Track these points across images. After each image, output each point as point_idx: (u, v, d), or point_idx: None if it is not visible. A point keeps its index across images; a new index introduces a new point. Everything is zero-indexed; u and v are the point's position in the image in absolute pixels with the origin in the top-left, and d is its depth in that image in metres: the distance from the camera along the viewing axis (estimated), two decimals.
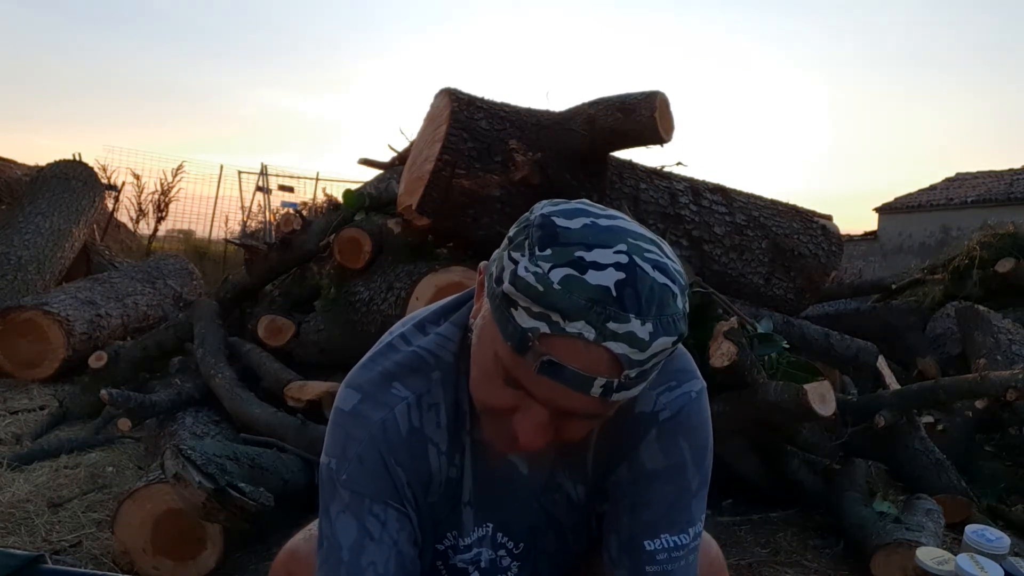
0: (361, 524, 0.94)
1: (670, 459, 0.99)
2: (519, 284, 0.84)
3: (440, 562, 1.08)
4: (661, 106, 3.19)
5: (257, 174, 13.07)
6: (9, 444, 3.27)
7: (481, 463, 1.01)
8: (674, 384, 1.00)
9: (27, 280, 5.09)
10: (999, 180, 17.52)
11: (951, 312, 5.08)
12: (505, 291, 0.86)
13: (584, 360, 0.81)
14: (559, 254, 0.80)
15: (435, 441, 0.98)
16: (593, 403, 0.85)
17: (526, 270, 0.83)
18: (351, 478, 0.95)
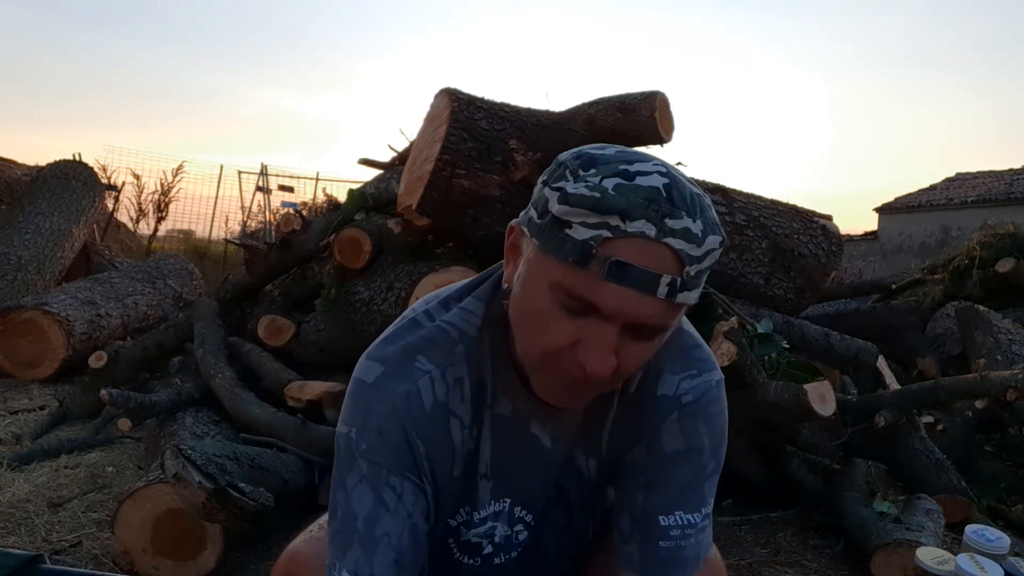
0: (378, 495, 0.94)
1: (689, 442, 1.02)
2: (572, 200, 0.86)
3: (452, 539, 1.08)
4: (661, 106, 3.19)
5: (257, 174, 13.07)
6: (9, 444, 3.27)
7: (501, 437, 1.03)
8: (695, 372, 1.03)
9: (27, 280, 5.09)
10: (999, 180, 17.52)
11: (951, 312, 5.09)
12: (556, 214, 0.88)
13: (648, 257, 0.85)
14: (604, 169, 0.86)
15: (458, 415, 0.99)
16: (660, 307, 0.88)
17: (575, 188, 0.86)
18: (371, 449, 0.95)
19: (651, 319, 0.89)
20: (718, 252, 0.90)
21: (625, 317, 0.89)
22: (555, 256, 0.89)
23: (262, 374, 3.41)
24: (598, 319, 0.89)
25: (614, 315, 0.88)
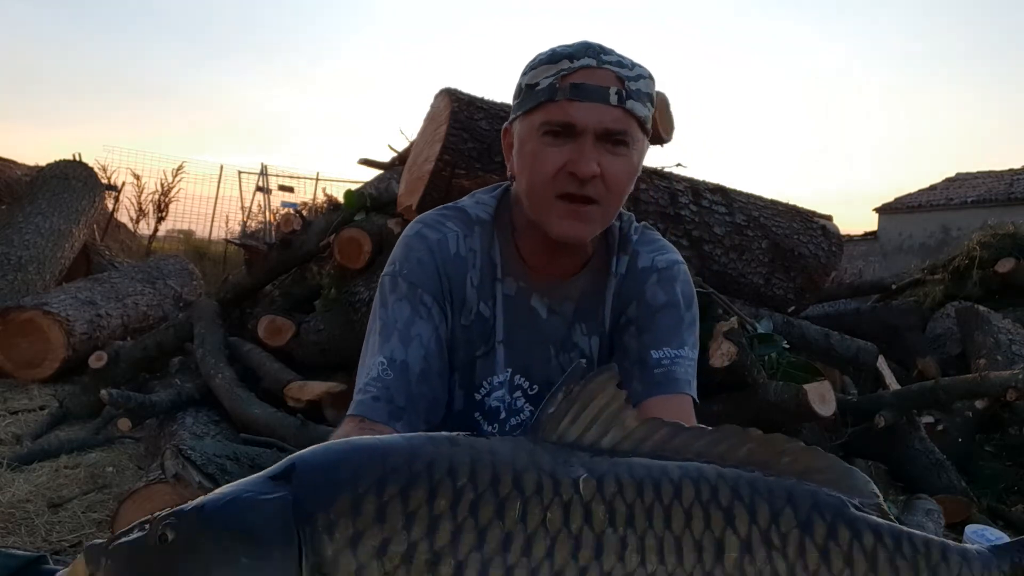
0: (414, 307, 1.23)
1: (668, 296, 1.33)
2: (532, 64, 1.28)
3: (478, 412, 1.33)
4: (661, 106, 3.20)
5: (257, 174, 13.08)
6: (9, 444, 3.27)
7: (509, 312, 1.30)
8: (663, 250, 1.38)
9: (27, 280, 5.09)
10: (999, 180, 17.52)
11: (951, 312, 5.09)
12: (525, 82, 1.28)
13: (595, 78, 1.22)
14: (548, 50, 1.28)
15: (471, 274, 1.29)
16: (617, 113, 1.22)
17: (531, 62, 1.28)
18: (411, 273, 1.26)
19: (613, 123, 1.22)
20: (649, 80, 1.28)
21: (594, 126, 1.22)
22: (534, 108, 1.25)
23: (262, 374, 3.41)
24: (575, 139, 1.22)
25: (585, 126, 1.22)
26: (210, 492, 0.88)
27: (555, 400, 0.87)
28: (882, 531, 0.88)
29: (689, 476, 0.85)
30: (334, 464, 0.82)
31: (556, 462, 0.83)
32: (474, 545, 0.77)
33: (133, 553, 0.81)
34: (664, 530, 0.81)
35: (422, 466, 0.80)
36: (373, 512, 0.77)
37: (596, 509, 0.80)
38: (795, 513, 0.86)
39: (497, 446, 0.85)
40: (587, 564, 0.78)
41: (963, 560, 0.90)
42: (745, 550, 0.82)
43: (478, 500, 0.79)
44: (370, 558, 0.76)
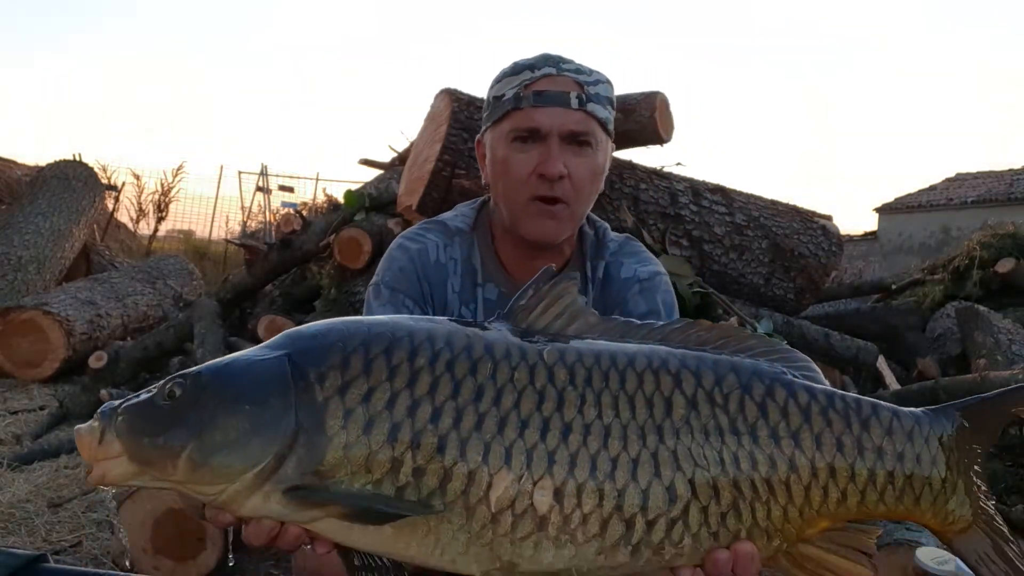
0: (396, 310, 1.31)
1: (650, 305, 1.39)
2: (496, 78, 1.40)
3: None
4: (661, 106, 3.20)
5: (257, 174, 13.09)
6: (9, 444, 3.27)
7: (491, 314, 1.35)
8: (645, 261, 1.45)
9: (27, 280, 5.09)
10: (999, 180, 17.53)
11: (951, 312, 5.08)
12: (492, 95, 1.39)
13: (556, 84, 1.33)
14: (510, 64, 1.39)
15: (452, 280, 1.38)
16: (578, 116, 1.32)
17: (496, 76, 1.40)
18: (393, 279, 1.35)
19: (576, 125, 1.32)
20: (607, 85, 1.38)
21: (558, 129, 1.31)
22: (501, 117, 1.35)
23: None
24: (541, 143, 1.32)
25: (549, 130, 1.31)
26: None
27: (526, 295, 0.99)
28: (816, 391, 0.97)
29: (642, 351, 0.96)
30: (325, 332, 0.93)
31: (524, 338, 0.95)
32: (449, 395, 0.88)
33: (143, 409, 0.89)
34: (619, 389, 0.92)
35: (404, 333, 0.92)
36: (360, 367, 0.88)
37: (558, 371, 0.91)
38: (737, 378, 0.96)
39: (472, 326, 0.97)
40: (550, 415, 0.89)
41: (894, 416, 0.98)
42: (691, 406, 0.93)
43: (454, 359, 0.90)
44: (356, 403, 0.87)
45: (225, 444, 0.85)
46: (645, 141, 3.27)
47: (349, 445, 0.86)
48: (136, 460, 0.87)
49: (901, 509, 0.98)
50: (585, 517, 0.88)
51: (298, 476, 0.86)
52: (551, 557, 0.88)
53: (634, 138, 3.25)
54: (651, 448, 0.90)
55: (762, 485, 0.93)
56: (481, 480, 0.86)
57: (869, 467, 0.95)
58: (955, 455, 0.99)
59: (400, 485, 0.86)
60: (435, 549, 0.87)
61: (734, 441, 0.93)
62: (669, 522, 0.90)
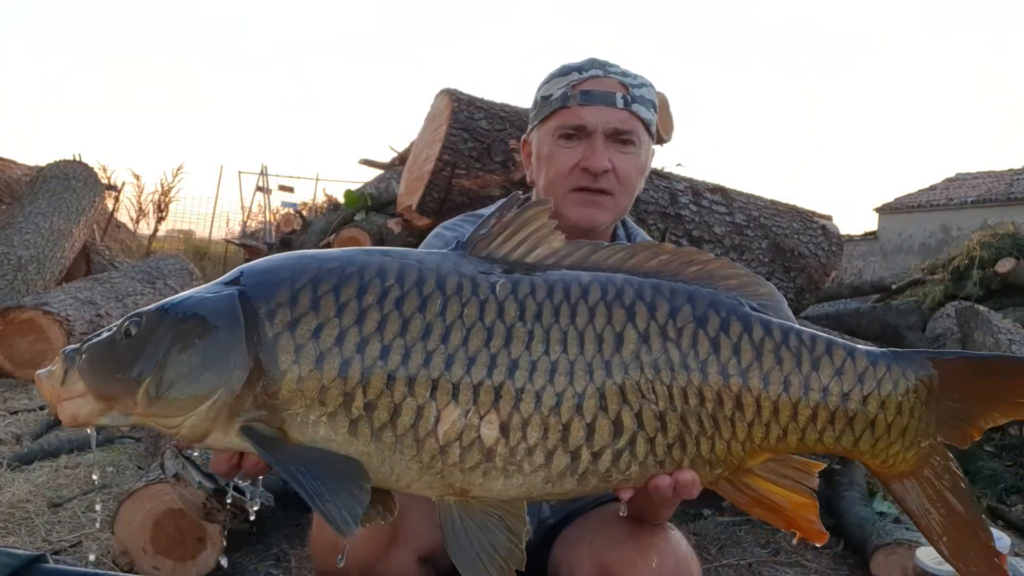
0: None
1: None
2: (545, 79, 1.45)
3: None
4: (661, 106, 3.19)
5: (257, 174, 13.09)
6: (9, 444, 3.27)
7: None
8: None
9: (27, 280, 5.08)
10: (999, 180, 17.54)
11: (951, 312, 5.08)
12: (540, 95, 1.45)
13: (602, 84, 1.39)
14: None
15: None
16: (623, 115, 1.39)
17: (545, 78, 1.45)
18: None
19: (621, 124, 1.39)
20: (650, 88, 1.47)
21: (603, 127, 1.38)
22: (548, 116, 1.42)
23: None
24: (587, 139, 1.38)
25: (595, 127, 1.37)
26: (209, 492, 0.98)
27: (488, 223, 0.99)
28: (772, 327, 0.97)
29: (598, 281, 0.96)
30: (276, 268, 0.95)
31: (478, 270, 0.95)
32: (398, 332, 0.90)
33: (103, 347, 0.93)
34: (569, 325, 0.93)
35: (354, 269, 0.93)
36: (308, 303, 0.90)
37: (508, 307, 0.92)
38: (692, 310, 0.96)
39: (426, 258, 0.97)
40: (497, 352, 0.90)
41: (848, 356, 0.98)
42: (643, 341, 0.93)
43: (403, 297, 0.91)
44: (306, 339, 0.89)
45: (179, 378, 0.88)
46: None
47: (302, 379, 0.88)
48: (99, 397, 0.91)
49: (838, 447, 0.99)
50: (530, 449, 0.91)
51: (254, 409, 0.89)
52: (500, 485, 0.92)
53: None
54: (598, 384, 0.91)
55: (708, 420, 0.95)
56: (429, 415, 0.89)
57: (812, 407, 0.96)
58: (910, 400, 0.98)
59: (353, 418, 0.88)
60: (391, 476, 0.91)
61: (684, 376, 0.93)
62: (615, 452, 0.93)
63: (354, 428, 0.88)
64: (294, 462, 0.87)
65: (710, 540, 2.71)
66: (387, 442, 0.89)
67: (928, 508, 1.00)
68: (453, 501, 0.92)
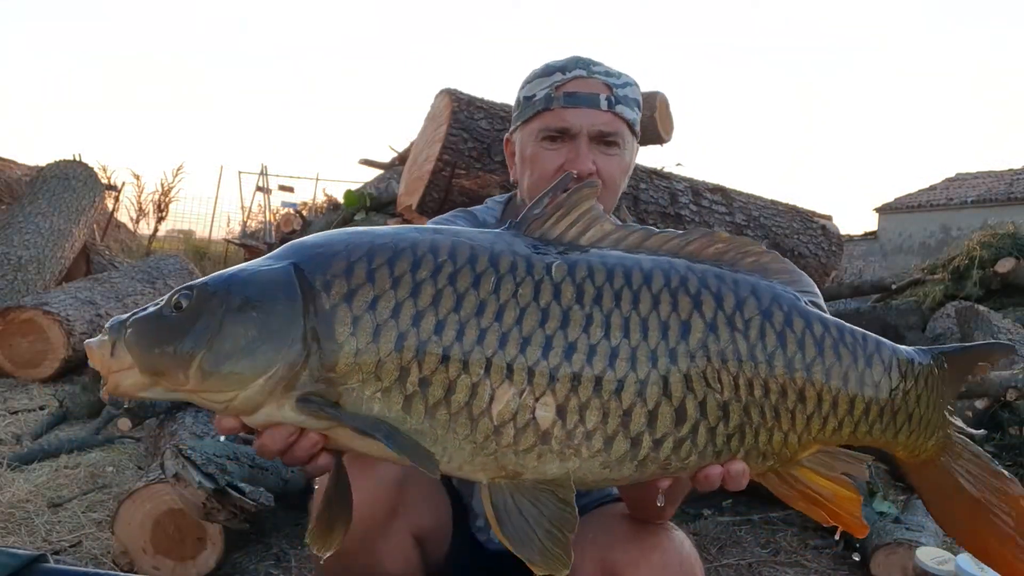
0: None
1: None
2: (527, 78, 1.43)
3: None
4: (661, 106, 3.20)
5: (257, 174, 13.09)
6: (9, 444, 3.27)
7: None
8: None
9: (27, 280, 5.08)
10: (999, 180, 17.54)
11: (951, 312, 5.08)
12: (523, 95, 1.43)
13: (586, 86, 1.37)
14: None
15: None
16: (607, 116, 1.37)
17: (527, 77, 1.43)
18: None
19: (605, 126, 1.37)
20: (635, 87, 1.43)
21: (587, 129, 1.36)
22: (532, 117, 1.40)
23: None
24: (571, 141, 1.37)
25: (579, 129, 1.36)
26: (209, 492, 0.95)
27: (541, 203, 0.97)
28: (828, 323, 1.00)
29: (660, 267, 0.95)
30: (329, 242, 0.93)
31: (533, 251, 0.93)
32: (452, 307, 0.88)
33: (151, 321, 0.90)
34: (631, 311, 0.91)
35: (407, 244, 0.92)
36: (364, 275, 0.89)
37: (565, 288, 0.90)
38: (758, 302, 0.96)
39: (478, 236, 0.95)
40: (552, 334, 0.89)
41: (893, 353, 1.03)
42: (711, 330, 0.93)
43: (456, 273, 0.90)
44: (363, 311, 0.87)
45: (235, 351, 0.86)
46: (645, 141, 3.26)
47: (359, 351, 0.87)
48: (147, 371, 0.88)
49: (882, 440, 1.03)
50: (589, 434, 0.89)
51: (311, 383, 0.87)
52: (555, 468, 0.90)
53: None
54: (662, 371, 0.91)
55: (770, 412, 0.95)
56: (483, 393, 0.87)
57: (867, 401, 1.00)
58: (934, 394, 1.05)
59: (408, 394, 0.87)
60: (442, 457, 0.89)
61: (751, 368, 0.94)
62: (676, 440, 0.92)
63: (408, 405, 0.87)
64: (367, 419, 0.86)
65: (710, 540, 2.71)
66: (441, 420, 0.87)
67: (944, 494, 1.07)
68: (505, 484, 0.91)
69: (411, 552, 1.33)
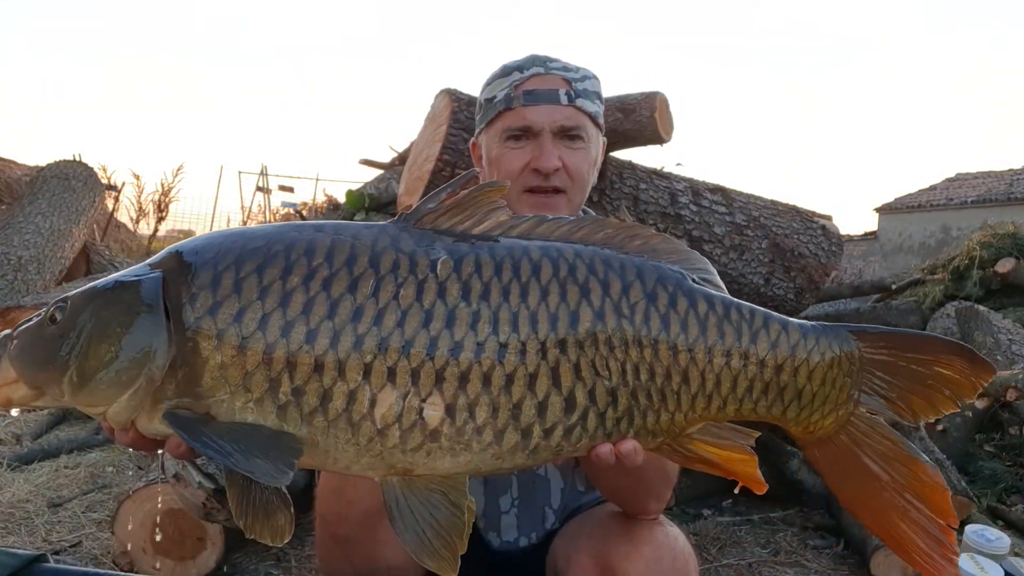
0: None
1: None
2: (486, 81, 1.44)
3: None
4: (661, 106, 3.19)
5: (257, 174, 13.09)
6: (9, 444, 3.27)
7: None
8: None
9: (27, 280, 5.08)
10: (999, 180, 17.53)
11: (951, 312, 5.08)
12: (484, 97, 1.45)
13: (545, 82, 1.39)
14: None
15: None
16: (569, 111, 1.38)
17: (486, 80, 1.44)
18: None
19: (566, 120, 1.38)
20: (594, 80, 1.43)
21: (549, 125, 1.37)
22: (494, 118, 1.41)
23: None
24: (534, 139, 1.37)
25: (541, 126, 1.37)
26: (209, 492, 0.95)
27: (437, 198, 0.95)
28: (714, 301, 1.00)
29: (548, 255, 0.94)
30: (202, 248, 0.92)
31: (418, 245, 0.91)
32: (325, 315, 0.87)
33: (31, 333, 0.92)
34: (520, 304, 0.91)
35: (280, 248, 0.90)
36: (230, 286, 0.88)
37: (450, 286, 0.89)
38: (643, 286, 0.96)
39: (362, 232, 0.93)
40: (437, 334, 0.87)
41: (783, 329, 1.01)
42: (598, 318, 0.94)
43: (331, 277, 0.88)
44: (228, 324, 0.86)
45: (98, 367, 0.87)
46: (645, 141, 3.26)
47: (224, 365, 0.86)
48: (30, 384, 0.90)
49: (769, 415, 1.03)
50: (479, 429, 0.89)
51: (177, 396, 0.87)
52: (447, 463, 0.90)
53: (634, 138, 3.24)
54: (551, 362, 0.91)
55: (656, 394, 0.96)
56: (363, 399, 0.86)
57: (750, 378, 0.99)
58: (833, 371, 1.02)
59: (281, 404, 0.86)
60: (327, 459, 0.89)
61: (636, 353, 0.95)
62: (567, 428, 0.93)
63: (283, 414, 0.87)
64: (219, 437, 0.85)
65: (710, 540, 2.71)
66: (319, 426, 0.87)
67: (842, 472, 1.05)
68: (396, 481, 0.91)
69: None
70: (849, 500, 1.07)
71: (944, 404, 1.02)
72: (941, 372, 1.01)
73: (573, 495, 1.52)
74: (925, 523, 1.00)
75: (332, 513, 1.33)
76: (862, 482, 1.03)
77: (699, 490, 3.07)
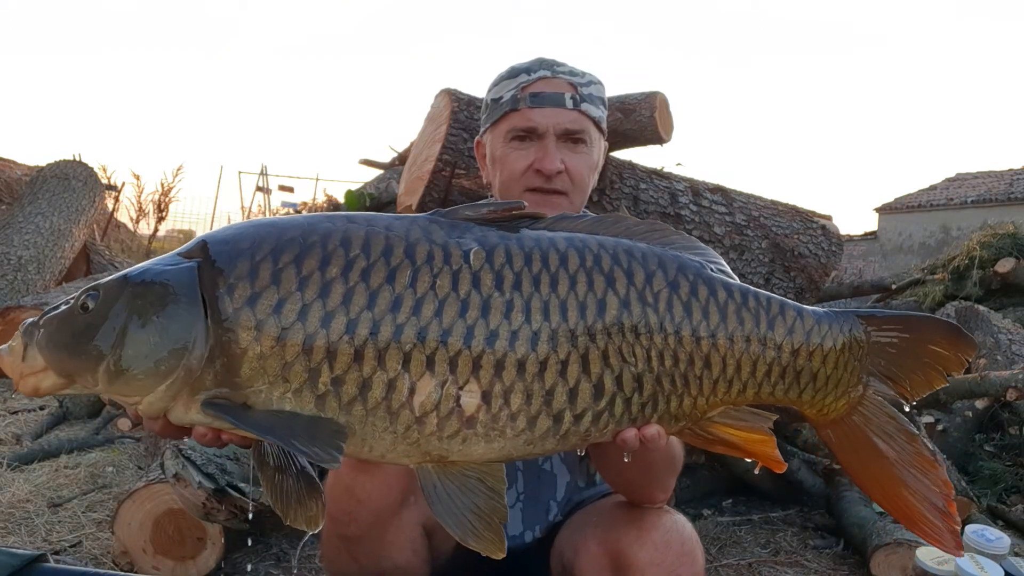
0: None
1: None
2: (494, 82, 1.47)
3: None
4: (661, 106, 3.20)
5: (257, 174, 13.09)
6: (9, 444, 3.27)
7: None
8: None
9: (27, 280, 5.09)
10: (999, 180, 17.53)
11: (951, 312, 5.08)
12: (490, 97, 1.47)
13: (551, 86, 1.41)
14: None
15: None
16: (573, 115, 1.41)
17: (493, 80, 1.47)
18: None
19: (571, 124, 1.40)
20: (599, 85, 1.47)
21: (554, 127, 1.39)
22: (499, 119, 1.43)
23: None
24: (538, 141, 1.40)
25: (546, 129, 1.39)
26: (209, 492, 0.95)
27: (479, 209, 0.98)
28: (732, 289, 1.03)
29: (574, 246, 0.98)
30: (236, 238, 0.92)
31: (449, 237, 0.93)
32: (364, 305, 0.87)
33: (61, 322, 0.90)
34: (550, 293, 0.94)
35: (317, 238, 0.90)
36: (269, 277, 0.88)
37: (484, 277, 0.91)
38: (664, 275, 1.00)
39: (395, 223, 0.94)
40: (473, 323, 0.89)
41: (798, 315, 1.05)
42: (624, 307, 0.97)
43: (370, 268, 0.89)
44: (267, 315, 0.86)
45: (137, 357, 0.86)
46: (645, 141, 3.26)
47: (263, 356, 0.86)
48: (60, 373, 0.89)
49: (786, 399, 1.06)
50: (513, 415, 0.92)
51: (215, 387, 0.87)
52: (481, 449, 0.92)
53: (634, 138, 3.24)
54: (581, 350, 0.94)
55: (679, 379, 0.99)
56: (402, 387, 0.87)
57: (768, 363, 1.03)
58: (845, 354, 1.06)
59: (320, 394, 0.87)
60: (363, 447, 0.90)
61: (661, 340, 0.98)
62: (596, 414, 0.96)
63: (321, 403, 0.87)
64: (265, 420, 0.86)
65: (710, 540, 2.71)
66: (357, 415, 0.88)
67: (853, 450, 1.10)
68: (432, 467, 0.93)
69: (419, 543, 1.34)
70: (860, 476, 1.11)
71: (936, 380, 1.09)
72: (934, 350, 1.08)
73: (575, 489, 1.53)
74: (930, 495, 1.05)
75: (342, 512, 1.33)
76: (872, 459, 1.08)
77: (699, 490, 3.07)
